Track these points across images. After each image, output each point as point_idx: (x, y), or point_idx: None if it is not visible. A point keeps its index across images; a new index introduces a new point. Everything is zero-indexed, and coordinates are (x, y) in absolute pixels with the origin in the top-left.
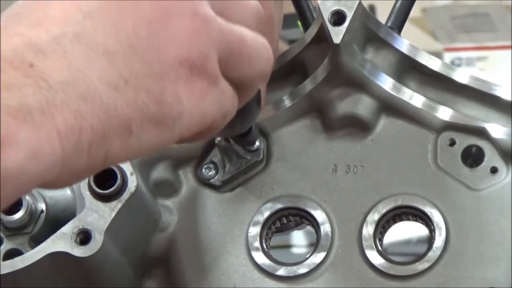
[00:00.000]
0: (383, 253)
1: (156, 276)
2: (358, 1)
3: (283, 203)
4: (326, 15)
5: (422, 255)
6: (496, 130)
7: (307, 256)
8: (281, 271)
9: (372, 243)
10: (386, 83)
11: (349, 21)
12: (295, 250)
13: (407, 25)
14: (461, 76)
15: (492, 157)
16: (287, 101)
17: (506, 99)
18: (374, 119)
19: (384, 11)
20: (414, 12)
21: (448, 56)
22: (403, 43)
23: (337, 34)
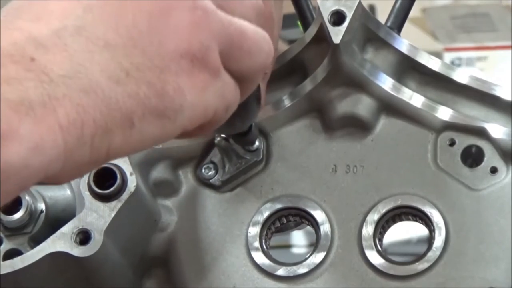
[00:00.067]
0: (383, 253)
1: (156, 276)
2: (358, 1)
3: (283, 203)
4: (326, 15)
5: (422, 255)
6: (496, 130)
7: (307, 256)
8: (281, 271)
9: (372, 243)
10: (386, 83)
11: (349, 21)
12: (295, 250)
13: (407, 25)
14: (461, 76)
15: (492, 157)
16: (287, 101)
17: (506, 99)
18: (374, 119)
19: (384, 11)
20: (414, 12)
21: (448, 56)
22: (403, 43)
23: (337, 34)
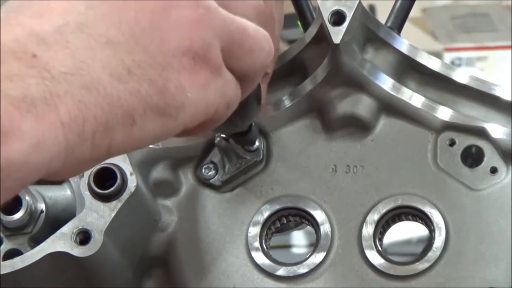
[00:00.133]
0: (383, 253)
1: (156, 276)
2: (358, 1)
3: (283, 203)
4: (326, 15)
5: (422, 255)
6: (496, 130)
7: (307, 256)
8: (281, 271)
9: (372, 243)
10: (386, 83)
11: (349, 21)
12: (295, 250)
13: (407, 25)
14: (461, 76)
15: (492, 157)
16: (287, 101)
17: (506, 99)
18: (374, 119)
19: (384, 11)
20: (414, 12)
21: (448, 56)
22: (403, 43)
23: (337, 34)
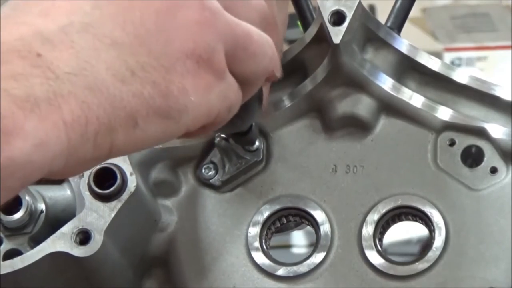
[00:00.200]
0: (383, 253)
1: (156, 276)
2: (358, 1)
3: (283, 203)
4: (326, 15)
5: (422, 255)
6: (496, 130)
7: (307, 256)
8: (281, 271)
9: (372, 243)
10: (386, 83)
11: (349, 21)
12: (295, 250)
13: (407, 25)
14: (461, 76)
15: (492, 157)
16: (287, 101)
17: (506, 99)
18: (374, 119)
19: (384, 11)
20: (414, 12)
21: (448, 56)
22: (403, 43)
23: (337, 34)
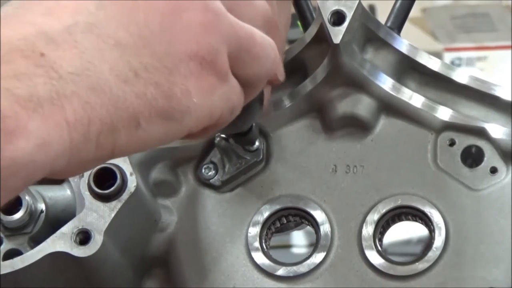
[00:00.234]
0: (383, 253)
1: (156, 276)
2: (358, 1)
3: (283, 203)
4: (326, 15)
5: (422, 255)
6: (496, 130)
7: (307, 256)
8: (281, 271)
9: (372, 243)
10: (386, 83)
11: (349, 21)
12: (295, 250)
13: (407, 25)
14: (461, 76)
15: (492, 157)
16: (287, 101)
17: (506, 99)
18: (374, 119)
19: (384, 11)
20: (414, 12)
21: (448, 56)
22: (403, 43)
23: (337, 34)
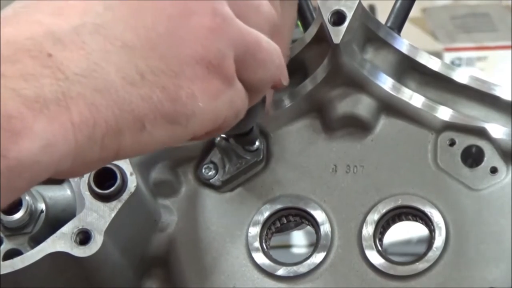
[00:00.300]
0: (383, 253)
1: (156, 276)
2: (358, 1)
3: (283, 203)
4: (326, 15)
5: (422, 255)
6: (496, 130)
7: (307, 256)
8: (281, 271)
9: (372, 243)
10: (386, 83)
11: (349, 21)
12: (295, 250)
13: (407, 25)
14: (461, 76)
15: (492, 157)
16: (287, 101)
17: (506, 99)
18: (374, 119)
19: (384, 11)
20: (414, 12)
21: (448, 56)
22: (403, 43)
23: (337, 34)
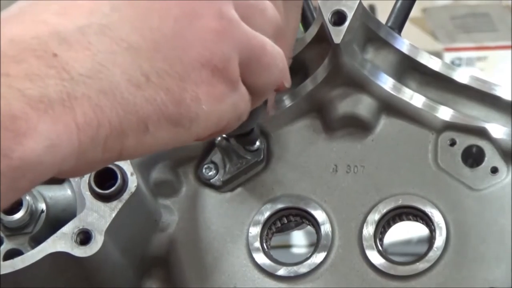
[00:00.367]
0: (384, 253)
1: (156, 276)
2: (359, 1)
3: (284, 203)
4: (327, 15)
5: (423, 255)
6: (497, 130)
7: (308, 256)
8: (282, 271)
9: (373, 243)
10: (387, 83)
11: (350, 21)
12: (296, 250)
13: (407, 25)
14: (462, 76)
15: (493, 157)
16: (287, 101)
17: (506, 99)
18: (375, 119)
19: (384, 11)
20: (414, 12)
21: (448, 56)
22: (404, 43)
23: (338, 34)
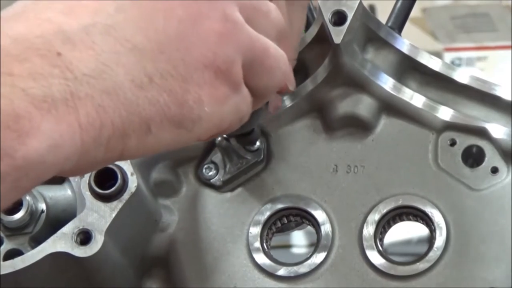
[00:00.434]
0: (384, 253)
1: (156, 276)
2: (359, 1)
3: (284, 203)
4: (327, 15)
5: (423, 255)
6: (497, 130)
7: (308, 256)
8: (282, 271)
9: (373, 243)
10: (387, 83)
11: (350, 21)
12: (296, 250)
13: (407, 25)
14: (462, 76)
15: (493, 157)
16: (288, 101)
17: (506, 99)
18: (375, 119)
19: (384, 11)
20: (414, 12)
21: (448, 56)
22: (404, 43)
23: (338, 34)
